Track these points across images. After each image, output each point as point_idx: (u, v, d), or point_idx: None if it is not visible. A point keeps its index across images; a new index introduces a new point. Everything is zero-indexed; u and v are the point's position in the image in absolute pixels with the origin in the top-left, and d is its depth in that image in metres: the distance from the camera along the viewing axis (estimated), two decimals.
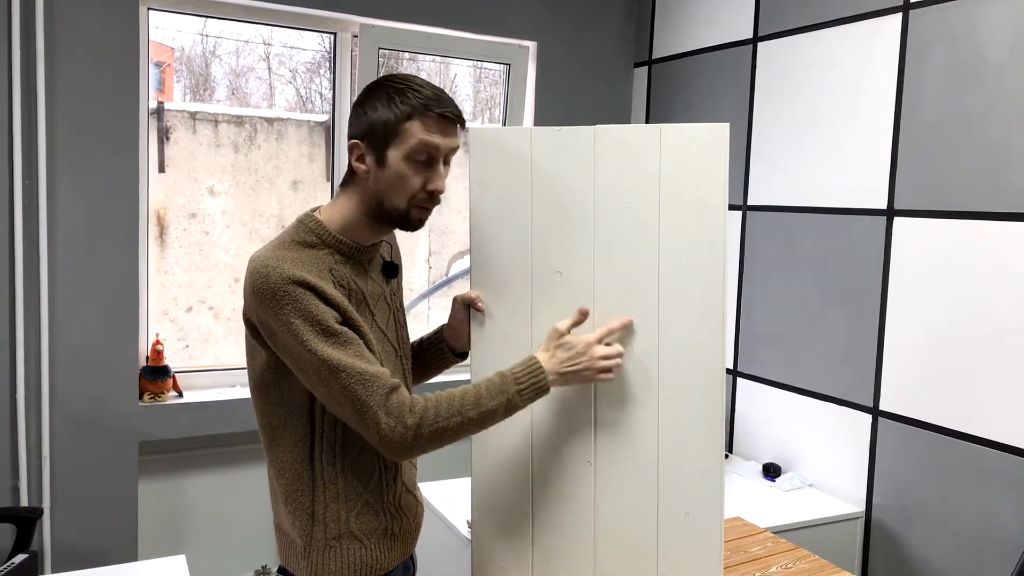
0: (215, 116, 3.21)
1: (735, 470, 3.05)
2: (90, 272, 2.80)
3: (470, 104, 3.76)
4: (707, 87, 3.35)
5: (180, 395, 3.05)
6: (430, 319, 3.71)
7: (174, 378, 3.03)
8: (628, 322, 1.69)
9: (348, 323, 1.47)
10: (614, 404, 1.73)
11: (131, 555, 2.92)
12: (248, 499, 3.18)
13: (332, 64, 3.29)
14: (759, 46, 3.11)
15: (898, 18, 2.60)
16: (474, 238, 1.74)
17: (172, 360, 3.07)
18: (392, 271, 1.66)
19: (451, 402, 1.48)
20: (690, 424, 1.72)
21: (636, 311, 1.71)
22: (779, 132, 3.01)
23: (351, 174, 1.55)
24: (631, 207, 1.71)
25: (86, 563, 2.79)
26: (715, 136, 1.69)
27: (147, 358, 3.02)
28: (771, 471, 2.96)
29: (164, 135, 3.10)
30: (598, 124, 1.71)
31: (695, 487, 1.73)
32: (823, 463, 2.87)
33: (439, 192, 1.51)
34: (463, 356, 1.81)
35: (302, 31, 3.28)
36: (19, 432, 2.72)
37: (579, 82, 3.63)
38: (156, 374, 2.97)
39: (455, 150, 1.53)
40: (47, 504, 2.77)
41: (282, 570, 1.61)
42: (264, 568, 3.26)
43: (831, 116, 2.82)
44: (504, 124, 3.59)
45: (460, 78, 3.71)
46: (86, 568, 2.28)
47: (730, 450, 3.25)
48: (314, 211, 1.58)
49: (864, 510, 2.71)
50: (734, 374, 3.21)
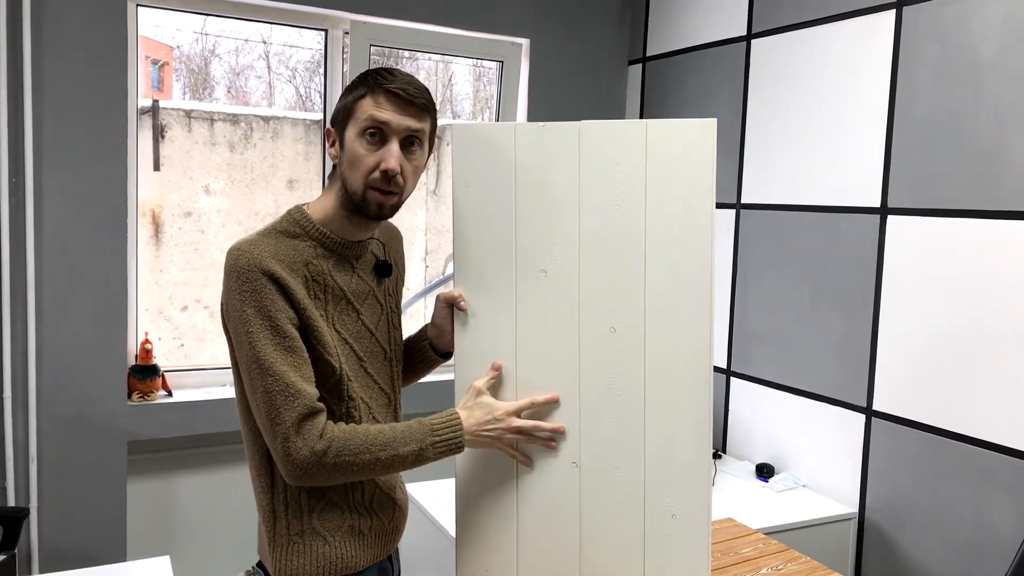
0: (211, 114, 3.20)
1: (728, 470, 3.02)
2: (78, 270, 2.78)
3: (469, 103, 3.74)
4: (701, 84, 3.33)
5: (169, 394, 3.03)
6: (427, 318, 3.68)
7: (163, 377, 3.01)
8: (554, 399, 1.67)
9: (305, 326, 1.46)
10: (600, 405, 1.71)
11: (119, 555, 2.90)
12: (238, 499, 3.16)
13: (324, 62, 3.27)
14: (753, 43, 3.08)
15: (892, 15, 2.58)
16: (457, 235, 1.72)
17: (168, 359, 3.05)
18: (385, 271, 1.64)
19: (365, 437, 1.45)
20: (677, 425, 1.70)
21: (622, 309, 1.69)
22: (773, 130, 2.98)
23: (334, 165, 1.54)
24: (617, 204, 1.68)
25: (74, 563, 2.78)
26: (703, 131, 1.66)
27: (136, 357, 3.00)
28: (764, 471, 2.94)
29: (159, 133, 3.08)
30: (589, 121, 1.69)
31: (682, 488, 1.71)
32: (816, 463, 2.85)
33: (391, 171, 1.46)
34: (447, 356, 1.79)
35: (301, 29, 3.27)
36: (6, 431, 2.70)
37: (573, 79, 3.61)
38: (145, 373, 2.95)
39: (414, 132, 1.50)
40: (34, 504, 2.76)
41: (260, 563, 1.60)
42: (255, 568, 3.23)
43: (825, 114, 2.80)
44: (497, 121, 3.56)
45: (458, 77, 3.69)
46: (73, 569, 2.27)
47: (723, 450, 3.23)
48: (304, 204, 1.57)
49: (857, 511, 2.69)
50: (727, 373, 3.19)
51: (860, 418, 2.69)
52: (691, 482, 1.71)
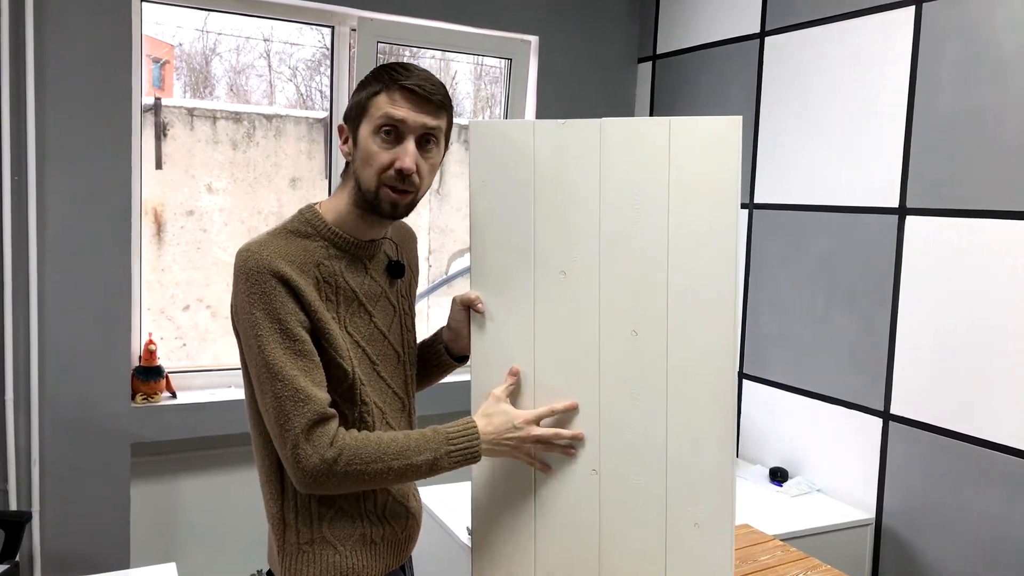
0: (213, 112, 3.16)
1: (741, 474, 2.98)
2: (81, 270, 2.74)
3: (470, 102, 3.70)
4: (712, 83, 3.28)
5: (173, 396, 2.98)
6: (429, 318, 3.65)
7: (167, 378, 2.97)
8: (573, 406, 1.62)
9: (316, 328, 1.41)
10: (621, 410, 1.66)
11: (123, 561, 2.86)
12: (244, 503, 3.11)
13: (331, 59, 3.22)
14: (766, 41, 3.04)
15: (911, 11, 2.53)
16: (474, 236, 1.67)
17: (169, 359, 3.01)
18: (397, 271, 1.59)
19: (378, 445, 1.41)
20: (700, 432, 1.65)
21: (644, 312, 1.64)
22: (787, 129, 2.94)
23: (346, 164, 1.50)
24: (639, 204, 1.64)
25: (76, 569, 2.74)
26: (728, 129, 1.62)
27: (140, 358, 2.95)
28: (778, 475, 2.89)
29: (161, 131, 3.05)
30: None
31: (705, 496, 1.66)
32: (831, 468, 2.80)
33: (406, 170, 1.42)
34: (463, 360, 1.75)
35: (302, 28, 3.23)
36: (7, 434, 2.66)
37: (582, 78, 3.56)
38: (149, 374, 2.90)
39: (430, 130, 1.45)
40: (36, 508, 2.71)
41: (269, 572, 1.56)
42: (260, 572, 3.19)
43: (841, 112, 2.75)
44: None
45: (460, 75, 3.65)
46: (76, 575, 2.22)
47: (736, 453, 3.18)
48: (316, 203, 1.53)
49: (874, 516, 2.65)
50: (740, 376, 3.14)
51: (877, 422, 2.64)
52: (714, 490, 1.66)
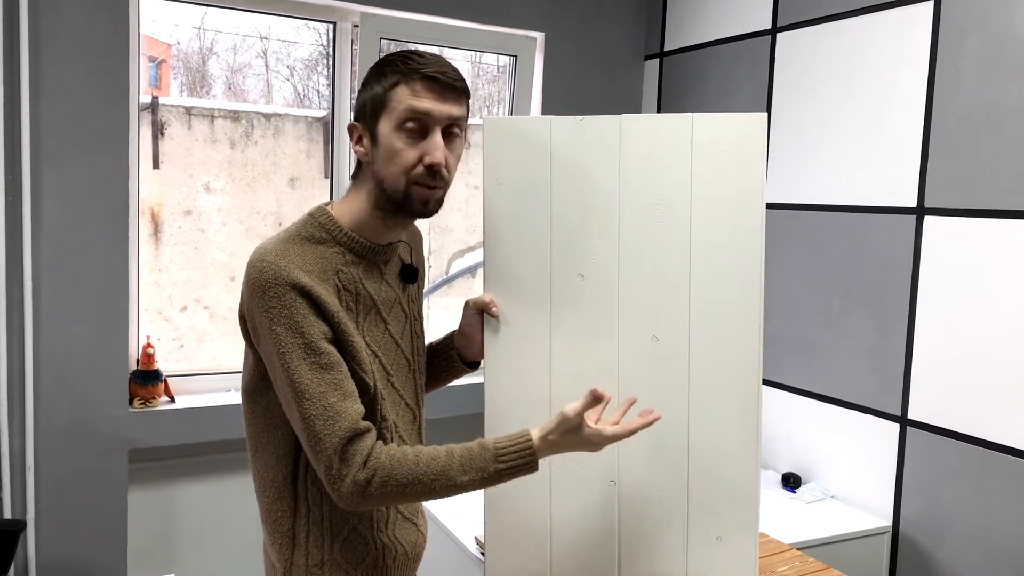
0: (211, 111, 3.11)
1: None
2: (77, 272, 2.67)
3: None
4: (722, 80, 3.22)
5: (172, 400, 2.92)
6: (429, 319, 3.59)
7: (166, 382, 2.90)
8: (656, 419, 1.45)
9: (340, 339, 1.34)
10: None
11: (120, 570, 2.80)
12: (244, 509, 3.05)
13: (332, 56, 3.16)
14: (778, 37, 2.98)
15: (929, 6, 2.47)
16: (488, 237, 1.61)
17: (166, 360, 2.94)
18: (411, 275, 1.52)
19: (415, 465, 1.31)
20: (723, 441, 1.59)
21: (665, 316, 1.58)
22: (800, 127, 2.88)
23: (359, 164, 1.42)
24: (660, 203, 1.58)
25: None
26: (752, 126, 1.56)
27: (137, 361, 2.89)
28: (791, 481, 2.83)
29: (159, 130, 2.99)
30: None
31: (728, 508, 1.60)
32: (846, 473, 2.74)
33: (437, 165, 1.34)
34: (474, 366, 1.68)
35: (300, 26, 3.18)
36: (1, 440, 2.59)
37: (588, 75, 3.50)
38: (147, 378, 2.84)
39: (455, 120, 1.37)
40: (31, 516, 2.64)
41: None
42: None
43: (856, 110, 2.69)
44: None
45: None
46: None
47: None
48: (327, 204, 1.45)
49: (891, 524, 2.58)
50: None
51: (894, 427, 2.58)
52: (737, 502, 1.61)
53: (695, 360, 1.59)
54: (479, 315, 1.61)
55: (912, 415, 2.53)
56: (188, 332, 3.12)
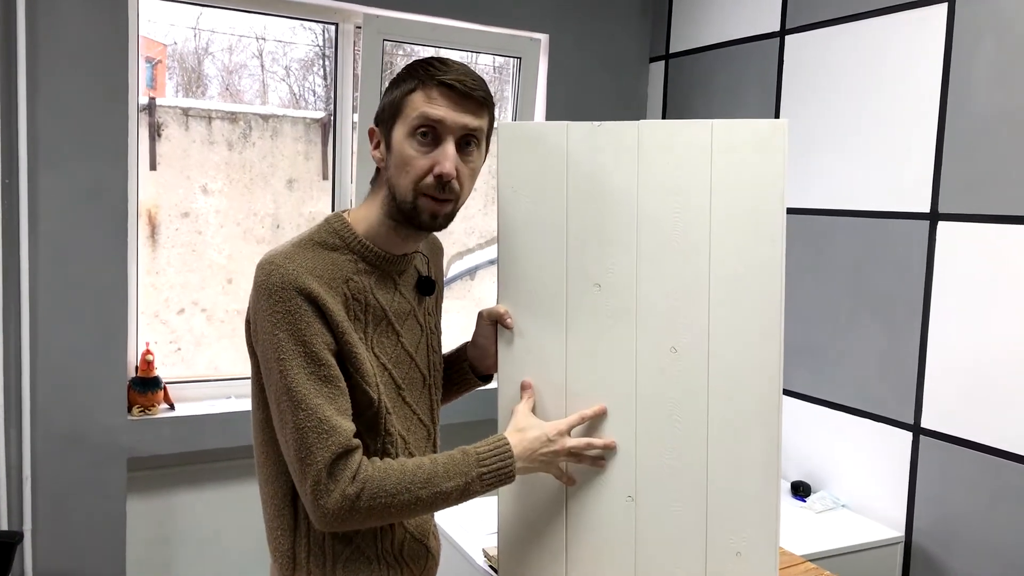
0: (208, 112, 3.07)
1: None
2: (75, 277, 2.62)
3: None
4: (729, 83, 3.18)
5: (172, 408, 2.87)
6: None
7: (165, 390, 2.85)
8: (602, 411, 1.54)
9: (343, 351, 1.30)
10: (659, 433, 1.56)
11: None
12: (245, 519, 3.00)
13: (334, 57, 3.12)
14: (787, 39, 2.94)
15: (943, 8, 2.43)
16: (503, 245, 1.57)
17: (163, 363, 2.89)
18: (427, 288, 1.48)
19: (402, 475, 1.29)
20: (743, 455, 1.55)
21: (685, 327, 1.54)
22: (810, 131, 2.84)
23: (377, 170, 1.38)
24: (679, 212, 1.54)
25: None
26: (773, 133, 1.53)
27: (136, 368, 2.84)
28: (800, 490, 2.79)
29: (156, 131, 2.94)
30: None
31: (747, 524, 1.56)
32: (857, 482, 2.70)
33: (446, 175, 1.29)
34: (487, 379, 1.64)
35: (295, 27, 3.14)
36: None
37: (592, 77, 3.46)
38: (146, 386, 2.79)
39: (472, 131, 1.33)
40: (28, 527, 2.60)
41: None
42: None
43: (868, 114, 2.65)
44: (514, 121, 3.41)
45: None
46: None
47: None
48: (344, 212, 1.41)
49: (904, 534, 2.55)
50: None
51: (906, 436, 2.54)
52: (757, 517, 1.56)
53: (714, 372, 1.55)
54: (493, 326, 1.56)
55: (925, 424, 2.49)
56: (185, 335, 3.08)
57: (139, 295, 2.87)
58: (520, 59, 3.33)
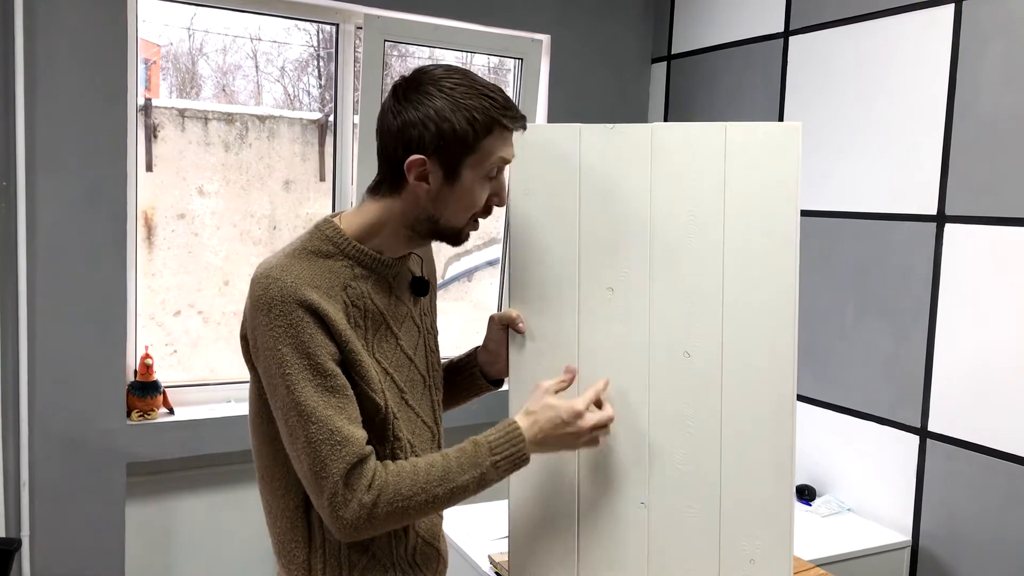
0: (204, 113, 3.05)
1: None
2: (73, 280, 2.60)
3: None
4: (732, 85, 3.17)
5: (171, 412, 2.84)
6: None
7: (164, 394, 2.82)
8: (607, 382, 1.50)
9: (348, 360, 1.28)
10: (672, 438, 1.54)
11: None
12: (245, 522, 2.98)
13: (335, 58, 3.09)
14: (791, 40, 2.92)
15: (950, 9, 2.42)
16: (514, 248, 1.55)
17: (160, 366, 2.86)
18: (422, 288, 1.46)
19: (415, 476, 1.28)
20: (756, 461, 1.53)
21: (698, 332, 1.52)
22: (815, 133, 2.82)
23: (391, 186, 1.33)
24: (692, 216, 1.52)
25: None
26: (788, 136, 1.51)
27: (135, 372, 2.81)
28: (805, 493, 2.78)
29: (152, 133, 2.92)
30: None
31: (761, 530, 1.54)
32: (862, 486, 2.69)
33: (503, 206, 1.38)
34: (498, 383, 1.62)
35: (290, 25, 3.12)
36: None
37: (594, 78, 3.45)
38: (145, 390, 2.76)
39: None
40: (26, 534, 2.57)
41: None
42: None
43: (873, 115, 2.64)
44: None
45: None
46: None
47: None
48: (334, 216, 1.37)
49: (911, 539, 2.53)
50: None
51: (913, 439, 2.53)
52: (771, 523, 1.55)
53: (728, 376, 1.53)
54: (504, 330, 1.54)
55: (932, 427, 2.48)
56: (182, 337, 3.05)
57: (138, 298, 2.85)
58: (522, 60, 3.31)
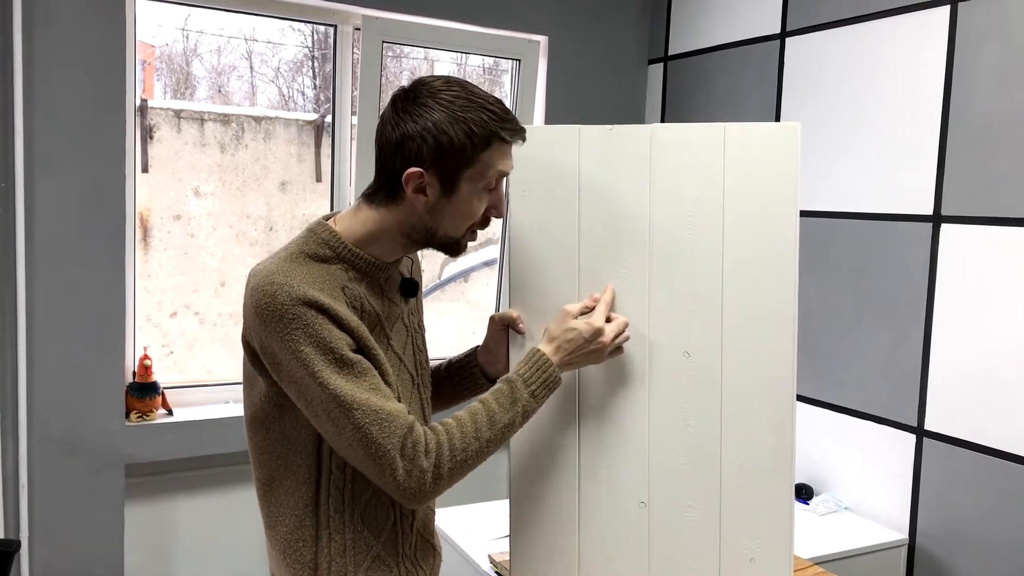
0: (200, 114, 3.05)
1: None
2: (71, 282, 2.59)
3: None
4: (729, 86, 3.18)
5: (170, 413, 2.84)
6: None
7: (163, 395, 2.82)
8: (612, 290, 1.53)
9: (362, 350, 1.30)
10: (672, 438, 1.55)
11: None
12: (244, 523, 2.97)
13: (333, 58, 3.10)
14: (787, 41, 2.94)
15: (946, 10, 2.43)
16: (513, 249, 1.55)
17: (156, 367, 2.86)
18: (411, 289, 1.47)
19: (463, 428, 1.32)
20: (756, 460, 1.54)
21: (698, 332, 1.53)
22: (811, 134, 2.83)
23: (388, 196, 1.34)
24: (692, 215, 1.53)
25: None
26: (786, 136, 1.52)
27: (134, 374, 2.81)
28: (802, 492, 2.79)
29: (147, 134, 2.92)
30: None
31: (761, 530, 1.55)
32: (860, 485, 2.70)
33: (500, 218, 1.39)
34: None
35: (285, 26, 3.12)
36: None
37: (591, 79, 3.45)
38: (144, 391, 2.76)
39: None
40: (25, 535, 2.57)
41: None
42: None
43: (870, 116, 2.65)
44: None
45: None
46: None
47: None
48: (327, 219, 1.38)
49: (908, 537, 2.54)
50: None
51: (910, 438, 2.54)
52: (772, 523, 1.56)
53: (727, 377, 1.54)
54: (504, 331, 1.55)
55: (929, 426, 2.49)
56: (178, 338, 3.05)
57: (136, 300, 2.85)
58: (519, 61, 3.32)
